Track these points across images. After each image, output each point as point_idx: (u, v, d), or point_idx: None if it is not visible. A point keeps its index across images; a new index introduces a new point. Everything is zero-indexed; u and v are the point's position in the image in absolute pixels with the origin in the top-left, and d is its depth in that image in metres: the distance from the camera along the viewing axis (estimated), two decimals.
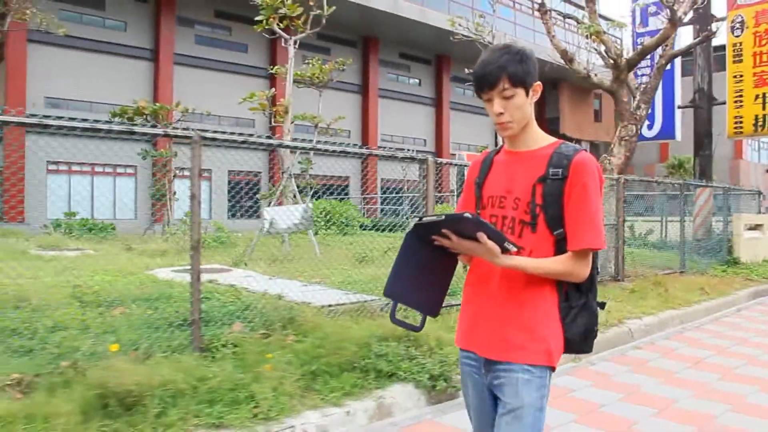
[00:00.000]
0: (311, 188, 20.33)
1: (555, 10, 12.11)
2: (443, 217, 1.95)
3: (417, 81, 38.99)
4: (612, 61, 10.42)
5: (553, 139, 2.18)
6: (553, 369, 2.09)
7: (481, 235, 1.94)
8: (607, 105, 46.54)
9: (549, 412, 4.46)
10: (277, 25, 13.63)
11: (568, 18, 11.08)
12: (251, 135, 23.61)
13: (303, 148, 6.69)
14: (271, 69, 21.48)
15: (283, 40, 13.94)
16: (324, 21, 13.94)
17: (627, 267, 10.24)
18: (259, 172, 31.27)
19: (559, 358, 2.08)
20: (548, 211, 2.05)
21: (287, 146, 7.55)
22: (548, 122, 41.72)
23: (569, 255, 2.02)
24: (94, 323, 5.09)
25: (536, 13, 39.37)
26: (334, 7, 14.23)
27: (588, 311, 2.08)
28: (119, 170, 28.42)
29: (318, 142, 16.56)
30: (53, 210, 23.89)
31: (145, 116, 20.37)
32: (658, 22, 18.57)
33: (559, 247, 2.05)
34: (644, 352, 6.87)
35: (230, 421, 3.86)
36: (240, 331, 4.94)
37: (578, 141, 42.98)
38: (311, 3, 13.56)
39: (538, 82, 2.11)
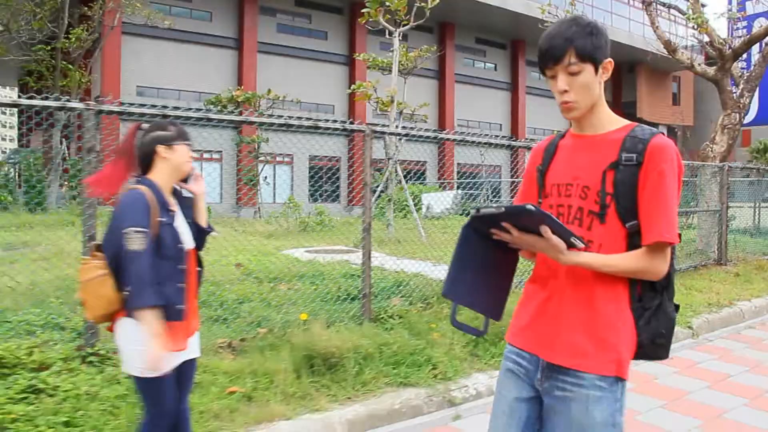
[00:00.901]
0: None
1: (659, 2, 12.18)
2: (503, 209, 1.79)
3: (493, 66, 39.03)
4: (717, 51, 10.57)
5: (625, 122, 1.99)
6: (624, 380, 1.90)
7: (545, 229, 1.79)
8: (685, 88, 45.51)
9: (688, 383, 4.93)
10: (383, 17, 14.15)
11: (672, 8, 11.02)
12: (342, 122, 24.35)
13: (405, 135, 7.08)
14: (358, 56, 22.07)
15: (387, 32, 14.44)
16: (428, 13, 14.41)
17: (729, 252, 10.43)
18: (339, 158, 32.08)
19: (629, 366, 1.90)
20: (620, 201, 1.86)
21: (393, 133, 8.01)
22: (624, 106, 41.13)
23: (643, 250, 1.84)
24: (270, 296, 5.78)
25: (633, 2, 38.84)
26: (437, 0, 14.71)
27: (663, 313, 1.90)
28: (206, 155, 29.65)
29: (404, 127, 17.09)
30: None
31: (238, 104, 21.26)
32: (757, 7, 18.31)
33: (632, 241, 1.86)
34: (758, 332, 7.19)
35: (415, 381, 4.47)
36: (400, 304, 5.55)
37: (655, 125, 42.27)
38: None
39: (610, 59, 1.92)
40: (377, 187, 12.94)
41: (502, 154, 35.14)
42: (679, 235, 1.89)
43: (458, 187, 28.92)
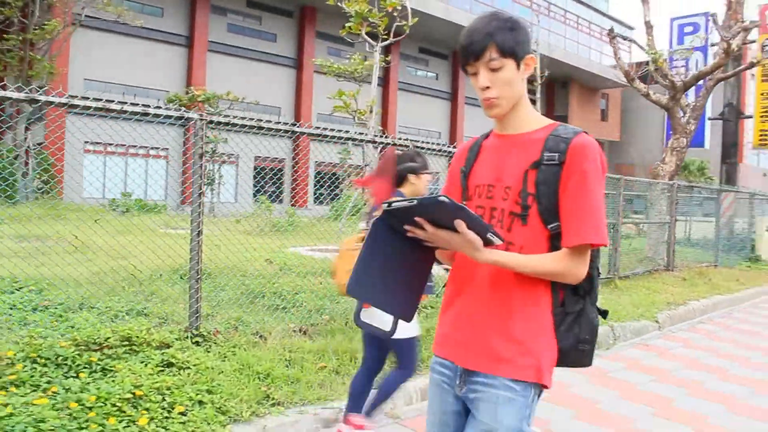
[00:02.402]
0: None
1: (620, 36, 13.52)
2: (415, 201, 1.68)
3: (435, 75, 40.39)
4: (670, 83, 11.96)
5: (549, 121, 1.94)
6: (543, 387, 1.84)
7: (459, 223, 1.69)
8: (613, 105, 48.28)
9: (666, 364, 6.09)
10: (365, 32, 14.98)
11: (632, 42, 12.43)
12: (284, 123, 24.90)
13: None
14: (315, 61, 22.77)
15: (365, 45, 15.26)
16: (407, 31, 15.32)
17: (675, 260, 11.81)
18: (284, 159, 32.54)
19: (551, 373, 1.84)
20: (542, 202, 1.81)
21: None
22: (556, 119, 43.14)
23: (564, 252, 1.78)
24: (315, 288, 6.55)
25: (568, 22, 40.59)
26: (417, 18, 15.65)
27: (586, 318, 1.85)
28: (152, 152, 29.55)
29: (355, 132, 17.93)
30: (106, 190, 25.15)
31: (196, 104, 21.62)
32: (694, 42, 20.19)
33: (555, 244, 1.81)
34: (709, 326, 8.46)
35: None
36: (430, 297, 6.42)
37: None
38: (395, 15, 14.92)
39: (531, 55, 1.89)
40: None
41: (442, 161, 36.36)
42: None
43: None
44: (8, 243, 8.19)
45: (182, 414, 3.74)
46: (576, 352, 1.83)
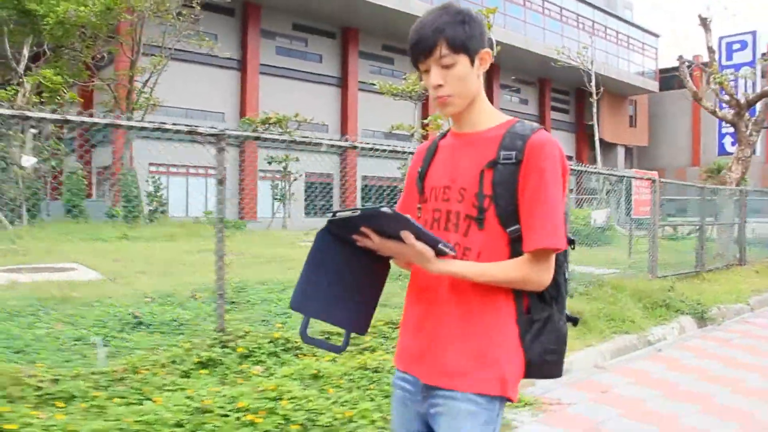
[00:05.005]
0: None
1: (688, 61, 15.06)
2: (358, 211, 1.60)
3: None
4: (735, 102, 13.55)
5: (507, 118, 1.82)
6: (507, 399, 1.72)
7: (406, 235, 1.61)
8: (641, 111, 49.70)
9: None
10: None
11: (698, 67, 14.02)
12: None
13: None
14: (375, 83, 24.35)
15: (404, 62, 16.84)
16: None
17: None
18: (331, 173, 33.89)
19: (517, 385, 1.73)
20: (499, 203, 1.69)
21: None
22: (586, 128, 44.79)
23: (525, 258, 1.66)
24: None
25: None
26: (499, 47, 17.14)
27: (553, 327, 1.73)
28: (201, 171, 30.98)
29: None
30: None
31: (268, 126, 23.33)
32: (741, 56, 21.74)
33: (515, 248, 1.69)
34: None
35: (625, 330, 6.86)
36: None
37: (615, 145, 46.14)
38: None
39: (487, 50, 1.77)
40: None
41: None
42: (572, 241, 1.79)
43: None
44: (208, 257, 9.64)
45: None
46: (543, 362, 1.72)
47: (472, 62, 1.74)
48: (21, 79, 16.73)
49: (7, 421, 3.35)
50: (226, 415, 3.64)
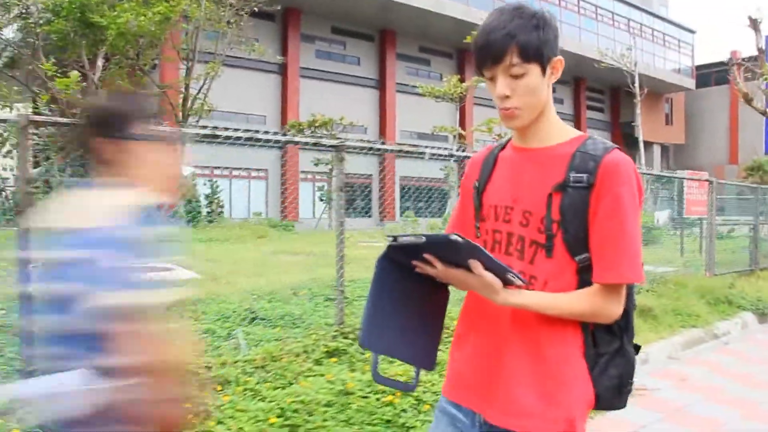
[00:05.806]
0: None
1: (741, 62, 15.38)
2: (423, 238, 1.49)
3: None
4: None
5: (577, 133, 1.67)
6: None
7: (475, 264, 1.51)
8: (677, 109, 49.47)
9: None
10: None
11: (748, 68, 14.26)
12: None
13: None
14: (418, 87, 24.76)
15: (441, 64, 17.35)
16: None
17: None
18: (371, 175, 34.38)
19: (584, 422, 1.63)
20: (568, 230, 1.56)
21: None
22: (623, 126, 44.74)
23: (595, 289, 1.55)
24: None
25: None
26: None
27: (623, 358, 1.62)
28: (253, 174, 31.79)
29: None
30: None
31: (313, 128, 23.96)
32: None
33: (584, 277, 1.57)
34: None
35: (693, 324, 7.28)
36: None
37: (651, 143, 46.02)
38: None
39: (560, 57, 1.63)
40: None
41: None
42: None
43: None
44: (288, 258, 10.26)
45: None
46: (611, 396, 1.62)
47: (544, 71, 1.60)
48: (97, 89, 17.52)
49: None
50: (366, 397, 4.18)
